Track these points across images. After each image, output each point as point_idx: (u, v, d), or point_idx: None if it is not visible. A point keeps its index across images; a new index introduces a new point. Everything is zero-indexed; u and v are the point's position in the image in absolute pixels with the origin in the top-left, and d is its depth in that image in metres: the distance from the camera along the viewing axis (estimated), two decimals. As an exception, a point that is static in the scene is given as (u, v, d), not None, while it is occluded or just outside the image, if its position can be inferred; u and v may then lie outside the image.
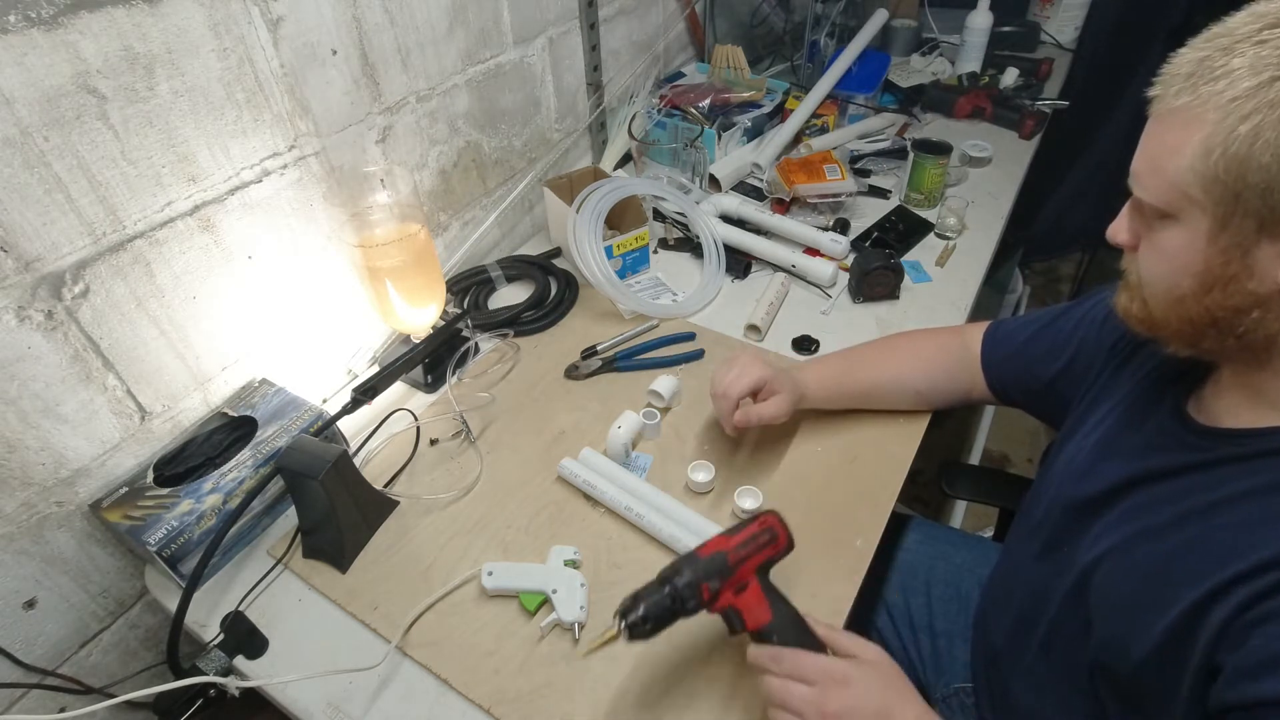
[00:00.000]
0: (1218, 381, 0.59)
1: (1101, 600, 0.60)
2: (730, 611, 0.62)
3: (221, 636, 0.71)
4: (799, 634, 0.61)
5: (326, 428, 0.82)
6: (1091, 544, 0.62)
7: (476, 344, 1.03)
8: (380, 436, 0.92)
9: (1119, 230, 0.58)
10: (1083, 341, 0.78)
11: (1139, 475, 0.60)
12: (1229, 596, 0.49)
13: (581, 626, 0.71)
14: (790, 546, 0.66)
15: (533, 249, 1.27)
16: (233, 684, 0.67)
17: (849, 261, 1.17)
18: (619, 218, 1.18)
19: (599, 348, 1.04)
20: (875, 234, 1.23)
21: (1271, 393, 0.53)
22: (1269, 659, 0.46)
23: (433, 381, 1.00)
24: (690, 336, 1.06)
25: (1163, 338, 0.57)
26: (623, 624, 0.59)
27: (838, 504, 0.83)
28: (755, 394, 0.83)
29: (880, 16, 1.68)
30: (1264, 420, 0.53)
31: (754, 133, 1.43)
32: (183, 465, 0.80)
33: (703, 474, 0.84)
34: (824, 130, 1.48)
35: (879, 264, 1.08)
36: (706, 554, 0.62)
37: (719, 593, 0.61)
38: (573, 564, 0.76)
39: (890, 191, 1.37)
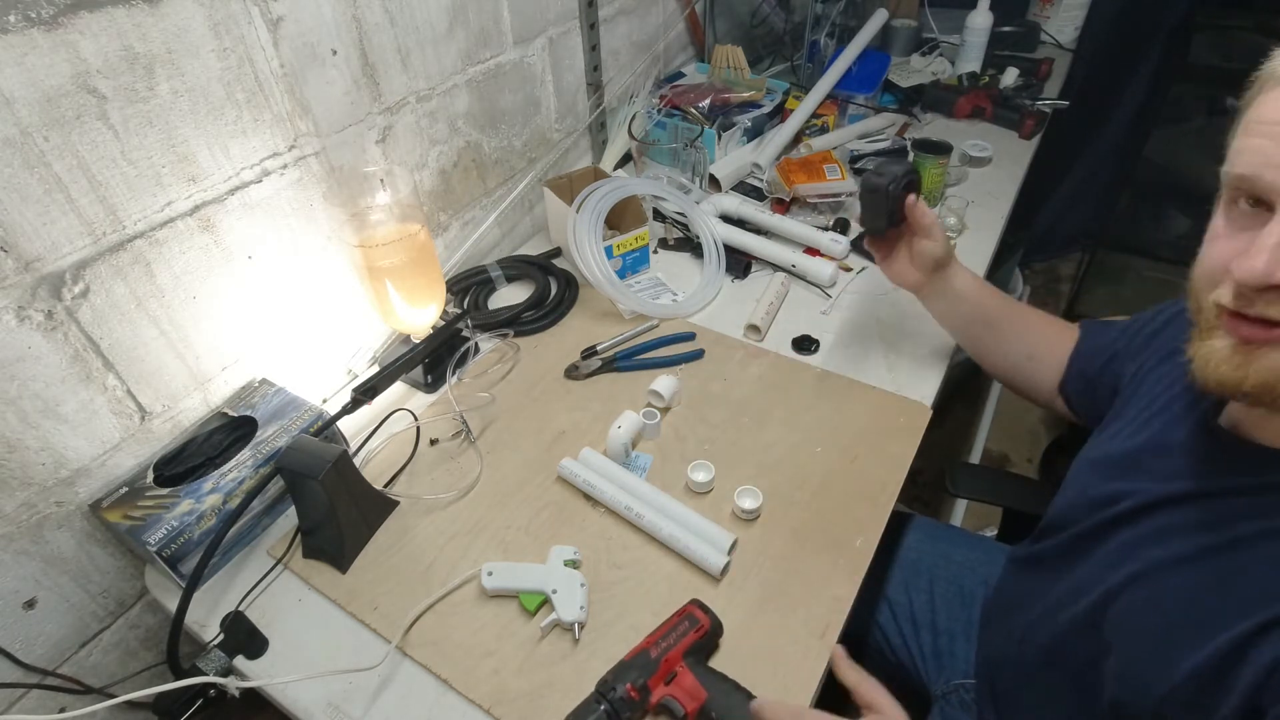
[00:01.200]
0: None
1: (1121, 631, 0.56)
2: (667, 702, 0.63)
3: (221, 636, 0.71)
4: (740, 701, 0.63)
5: (326, 428, 0.82)
6: (1111, 565, 0.59)
7: (476, 344, 1.03)
8: (380, 436, 0.92)
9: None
10: (1124, 348, 0.75)
11: (1170, 495, 0.56)
12: (1278, 636, 0.45)
13: (581, 626, 0.71)
14: (717, 628, 0.68)
15: (533, 249, 1.27)
16: (233, 684, 0.67)
17: (849, 260, 1.18)
18: (619, 218, 1.18)
19: (599, 348, 1.04)
20: (875, 234, 1.23)
21: None
22: None
23: (433, 381, 1.00)
24: (690, 336, 1.06)
25: None
26: None
27: (838, 504, 0.83)
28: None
29: (880, 16, 1.68)
30: None
31: (754, 133, 1.43)
32: (183, 465, 0.80)
33: (703, 474, 0.84)
34: (824, 130, 1.48)
35: (904, 173, 0.82)
36: (631, 656, 0.65)
37: (647, 689, 0.63)
38: (573, 564, 0.76)
39: (890, 191, 1.37)
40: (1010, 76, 1.67)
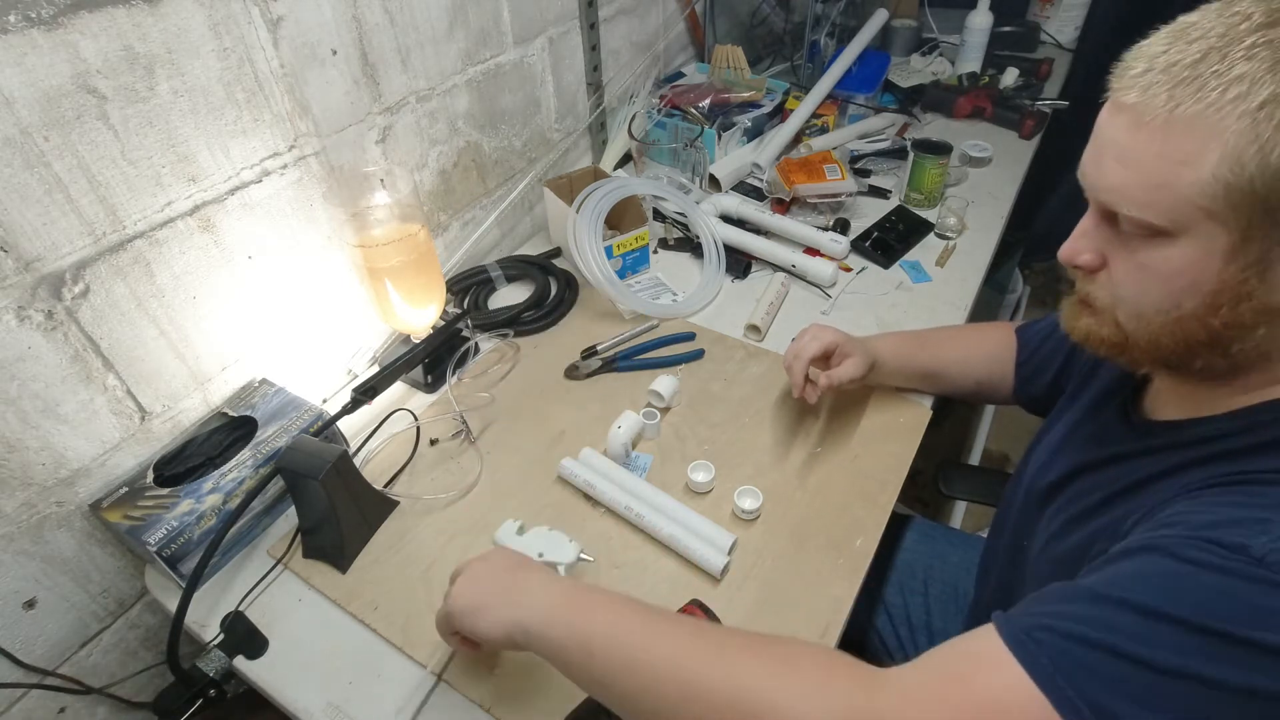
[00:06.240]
0: (1154, 383, 0.63)
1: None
2: None
3: (221, 636, 0.71)
4: None
5: (326, 428, 0.82)
6: (1040, 533, 0.65)
7: (476, 344, 1.03)
8: (380, 436, 0.92)
9: (1079, 251, 0.53)
10: (1073, 348, 0.78)
11: (1080, 465, 0.63)
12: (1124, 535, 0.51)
13: (581, 626, 0.71)
14: None
15: (533, 249, 1.27)
16: (233, 684, 0.67)
17: (849, 261, 1.18)
18: (619, 218, 1.18)
19: (599, 348, 1.04)
20: (875, 234, 1.23)
21: (1200, 393, 0.55)
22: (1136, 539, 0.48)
23: (433, 381, 1.00)
24: (690, 336, 1.06)
25: (1135, 359, 0.54)
26: None
27: (838, 504, 0.83)
28: (828, 360, 0.85)
29: (880, 16, 1.68)
30: (1189, 413, 0.56)
31: (754, 133, 1.43)
32: (183, 465, 0.80)
33: (703, 474, 0.83)
34: (824, 130, 1.48)
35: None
36: None
37: None
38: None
39: (890, 191, 1.37)
40: (1010, 76, 1.67)
